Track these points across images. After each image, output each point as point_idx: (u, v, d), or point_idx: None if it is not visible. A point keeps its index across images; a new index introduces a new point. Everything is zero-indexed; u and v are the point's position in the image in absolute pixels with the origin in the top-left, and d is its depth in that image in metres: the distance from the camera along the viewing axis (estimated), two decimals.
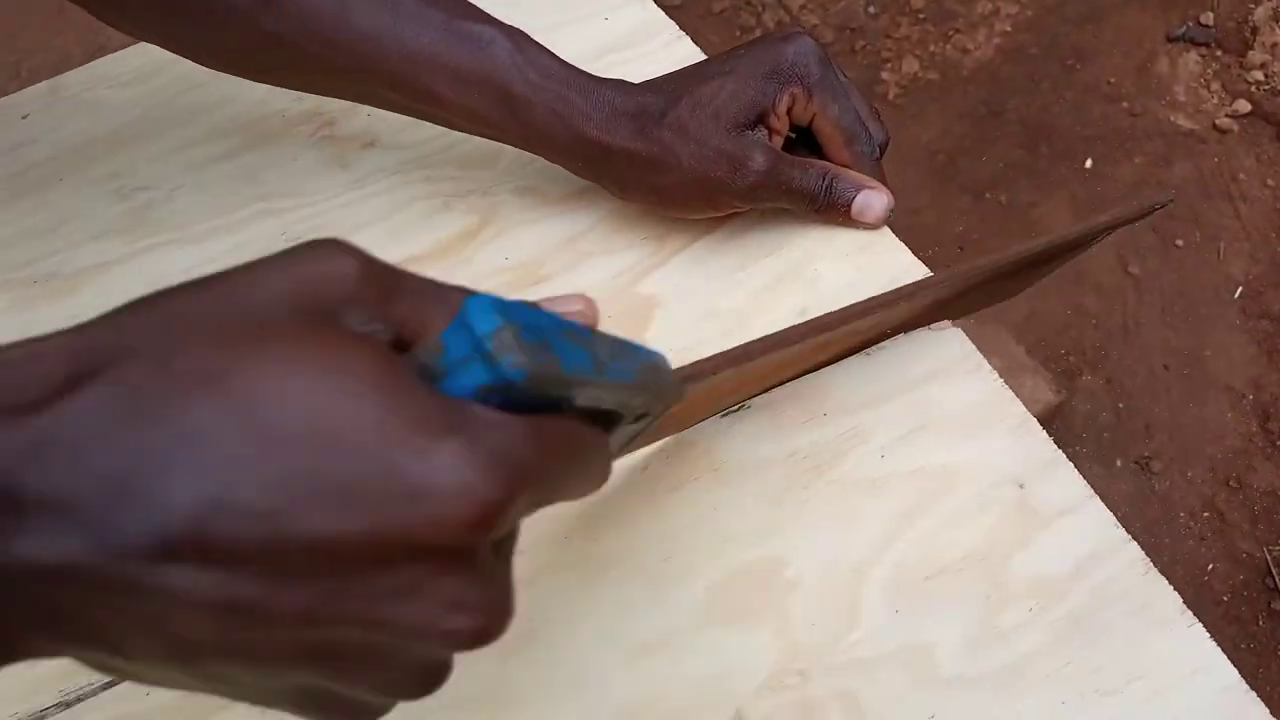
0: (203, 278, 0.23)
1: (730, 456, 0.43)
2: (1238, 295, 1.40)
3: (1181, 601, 0.41)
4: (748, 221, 0.49)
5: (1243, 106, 1.54)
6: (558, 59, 0.45)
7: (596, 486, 0.26)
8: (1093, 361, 1.36)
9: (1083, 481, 0.42)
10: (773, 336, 0.39)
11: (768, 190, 0.45)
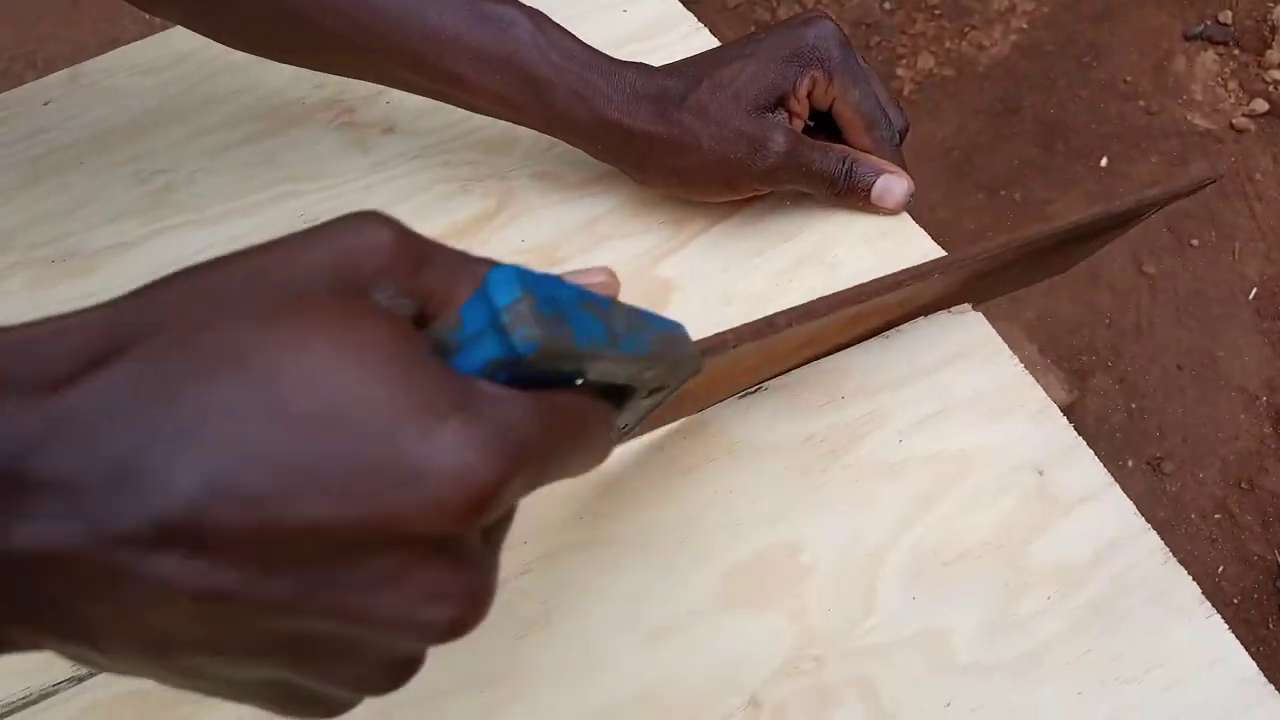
0: (240, 251, 0.23)
1: (747, 438, 0.43)
2: (1252, 296, 1.39)
3: (1200, 591, 0.41)
4: (766, 206, 0.49)
5: (1260, 106, 1.53)
6: (579, 41, 0.45)
7: (596, 464, 0.26)
8: (1105, 361, 1.35)
9: (1102, 469, 0.42)
10: (799, 308, 0.38)
11: (788, 172, 0.45)
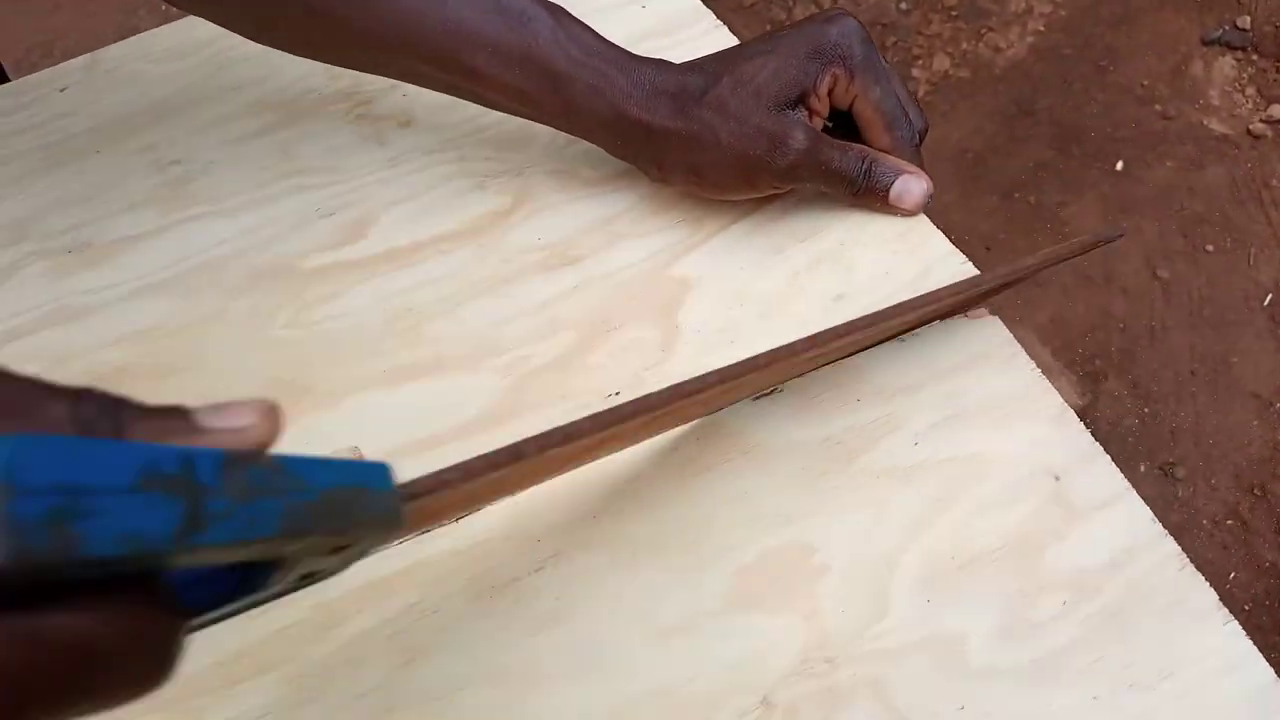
0: None
1: (762, 439, 0.43)
2: (1267, 302, 1.38)
3: (1218, 598, 0.40)
4: (784, 206, 0.49)
5: (1277, 111, 1.52)
6: (599, 36, 0.45)
7: (148, 688, 0.19)
8: (1118, 365, 1.35)
9: (1119, 475, 0.42)
10: (552, 434, 0.29)
11: (807, 170, 0.44)
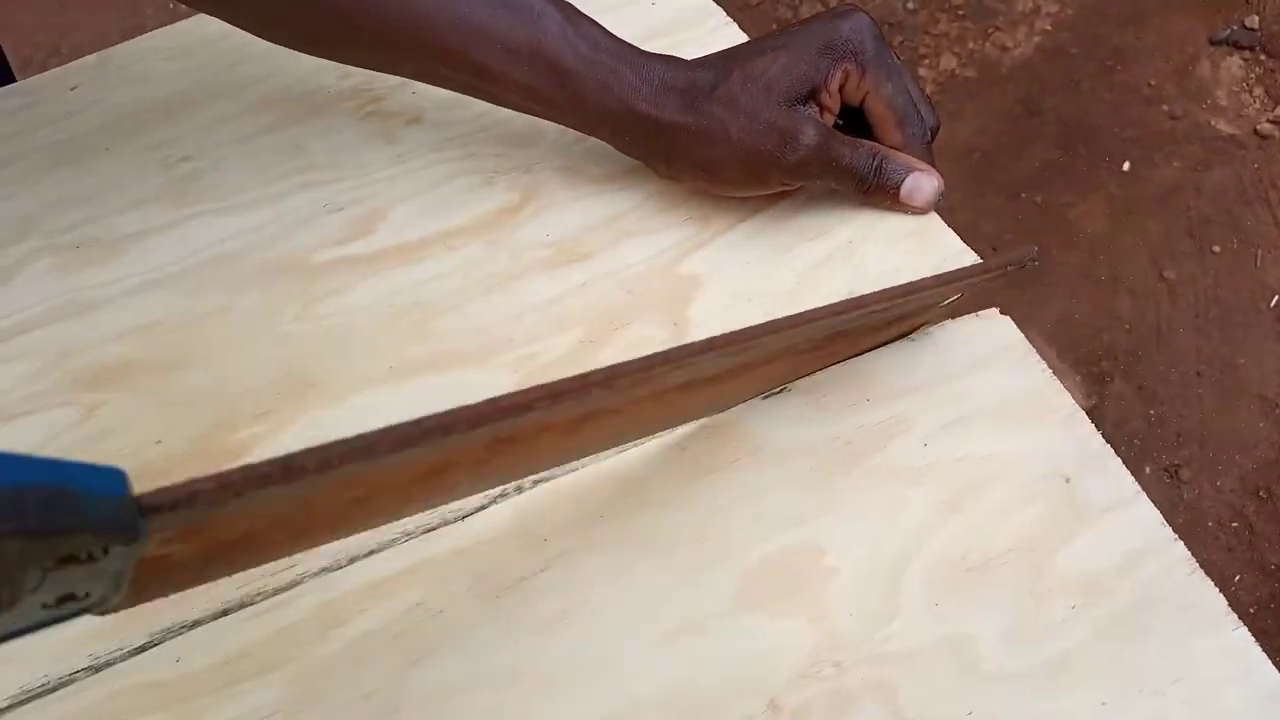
0: None
1: (770, 440, 0.42)
2: (1274, 304, 1.38)
3: (1227, 603, 0.40)
4: (793, 204, 0.49)
5: None
6: (608, 33, 0.44)
7: None
8: (1124, 367, 1.34)
9: (1130, 478, 0.42)
10: (350, 444, 0.21)
11: (817, 167, 0.44)
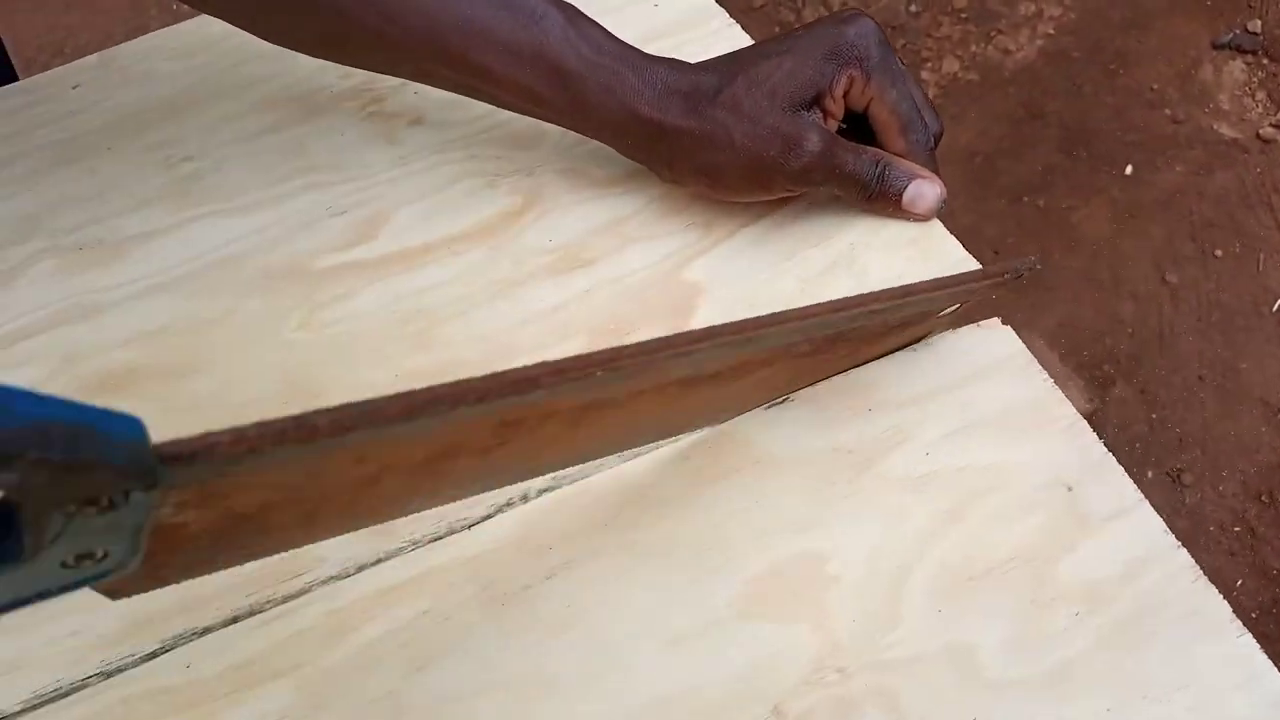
0: None
1: (773, 449, 0.42)
2: (1276, 308, 1.38)
3: (1231, 610, 0.40)
4: (796, 210, 0.49)
5: None
6: (611, 35, 0.44)
7: None
8: (1126, 371, 1.34)
9: (1133, 486, 0.42)
10: (357, 408, 0.21)
11: (820, 173, 0.44)
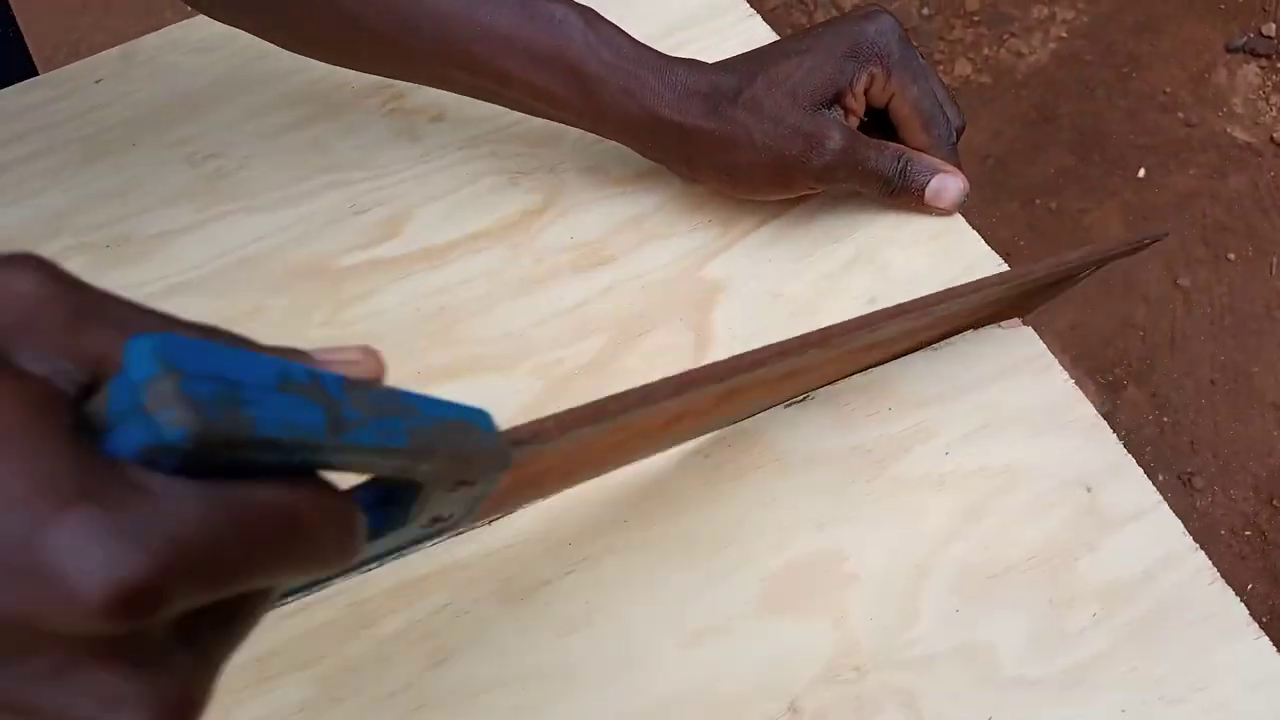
0: None
1: (793, 447, 0.43)
2: None
3: (1248, 613, 0.40)
4: (816, 206, 0.49)
5: None
6: (630, 38, 0.44)
7: (341, 562, 0.22)
8: (1138, 374, 1.34)
9: (1152, 487, 0.42)
10: (634, 392, 0.31)
11: (843, 170, 0.44)
